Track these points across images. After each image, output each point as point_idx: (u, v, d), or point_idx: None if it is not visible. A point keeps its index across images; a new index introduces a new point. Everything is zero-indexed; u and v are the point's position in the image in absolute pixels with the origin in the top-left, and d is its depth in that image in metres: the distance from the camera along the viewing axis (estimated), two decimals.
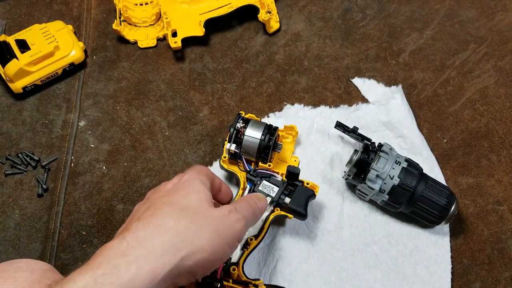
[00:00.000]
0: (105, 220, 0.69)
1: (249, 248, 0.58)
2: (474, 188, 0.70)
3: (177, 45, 0.80)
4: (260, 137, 0.64)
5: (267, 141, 0.64)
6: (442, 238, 0.66)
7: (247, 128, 0.64)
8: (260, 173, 0.63)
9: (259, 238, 0.59)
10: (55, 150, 0.75)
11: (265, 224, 0.60)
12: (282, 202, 0.61)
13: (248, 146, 0.64)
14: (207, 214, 0.46)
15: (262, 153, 0.64)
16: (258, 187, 0.62)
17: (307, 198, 0.61)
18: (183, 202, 0.46)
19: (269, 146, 0.64)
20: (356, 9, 0.86)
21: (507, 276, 0.64)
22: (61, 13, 0.88)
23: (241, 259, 0.57)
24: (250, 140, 0.64)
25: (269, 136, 0.64)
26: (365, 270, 0.64)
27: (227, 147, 0.64)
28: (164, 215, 0.45)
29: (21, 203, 0.71)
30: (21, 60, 0.76)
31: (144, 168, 0.73)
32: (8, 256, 0.67)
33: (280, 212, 0.61)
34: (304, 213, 0.60)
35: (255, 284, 0.56)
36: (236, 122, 0.65)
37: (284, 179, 0.63)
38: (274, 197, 0.61)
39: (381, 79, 0.79)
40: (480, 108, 0.76)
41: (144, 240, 0.42)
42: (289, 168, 0.62)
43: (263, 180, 0.63)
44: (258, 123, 0.65)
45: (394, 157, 0.64)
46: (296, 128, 0.70)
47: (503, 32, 0.83)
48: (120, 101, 0.79)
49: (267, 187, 0.62)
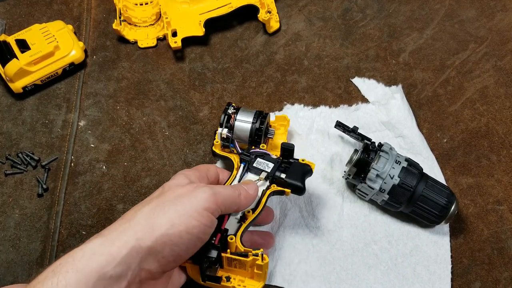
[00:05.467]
0: (105, 220, 0.69)
1: (246, 221, 0.56)
2: (474, 188, 0.70)
3: (177, 45, 0.80)
4: (251, 121, 0.64)
5: (258, 125, 0.64)
6: (442, 238, 0.66)
7: (238, 114, 0.65)
8: (253, 153, 0.63)
9: (257, 211, 0.57)
10: (55, 150, 0.75)
11: (262, 199, 0.58)
12: (278, 177, 0.59)
13: (240, 130, 0.64)
14: (169, 194, 0.49)
15: (254, 136, 0.64)
16: (253, 164, 0.61)
17: (304, 173, 0.59)
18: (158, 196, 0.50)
19: (261, 129, 0.64)
20: (356, 9, 0.86)
21: (507, 276, 0.64)
22: (61, 13, 0.88)
23: (238, 231, 0.55)
24: (241, 125, 0.64)
25: (260, 119, 0.64)
26: (365, 270, 0.64)
27: (219, 132, 0.64)
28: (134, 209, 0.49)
29: (21, 203, 0.71)
30: (21, 60, 0.76)
31: (144, 168, 0.73)
32: (8, 256, 0.67)
33: (277, 187, 0.59)
34: (302, 186, 0.58)
35: (255, 253, 0.52)
36: (227, 108, 0.65)
37: (279, 157, 0.62)
38: (270, 172, 0.59)
39: (381, 79, 0.79)
40: (480, 108, 0.76)
41: (103, 232, 0.46)
42: (283, 144, 0.60)
43: (258, 158, 0.62)
44: (248, 110, 0.66)
45: (394, 157, 0.64)
46: (288, 117, 0.69)
47: (503, 32, 0.83)
48: (120, 101, 0.79)
49: (262, 163, 0.61)
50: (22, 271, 0.66)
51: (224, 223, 0.54)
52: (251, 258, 0.52)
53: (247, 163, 0.61)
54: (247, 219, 0.56)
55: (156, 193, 0.52)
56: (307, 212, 0.68)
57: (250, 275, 0.54)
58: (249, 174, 0.61)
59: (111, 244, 0.44)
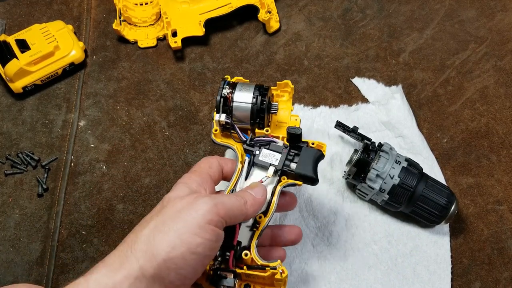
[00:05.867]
0: (105, 220, 0.69)
1: (259, 227, 0.52)
2: (474, 188, 0.70)
3: (177, 45, 0.80)
4: (251, 101, 0.56)
5: (259, 104, 0.55)
6: (442, 238, 0.66)
7: (235, 93, 0.56)
8: (258, 142, 0.56)
9: (269, 214, 0.52)
10: (55, 150, 0.75)
11: (273, 198, 0.53)
12: (288, 169, 0.54)
13: (239, 113, 0.56)
14: (169, 209, 0.45)
15: (256, 118, 0.56)
16: (258, 157, 0.55)
17: (315, 160, 0.54)
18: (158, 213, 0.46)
19: (262, 109, 0.56)
20: (356, 9, 0.86)
21: (507, 276, 0.64)
22: (61, 13, 0.88)
23: (252, 241, 0.51)
24: (240, 106, 0.56)
25: (261, 98, 0.56)
26: (365, 270, 0.64)
27: (216, 119, 0.56)
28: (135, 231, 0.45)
29: (21, 203, 0.71)
30: (21, 60, 0.76)
31: (144, 168, 0.73)
32: (8, 256, 0.67)
33: (288, 180, 0.54)
34: (314, 176, 0.53)
35: (273, 266, 0.48)
36: (222, 88, 0.56)
37: (286, 143, 0.56)
38: (278, 166, 0.54)
39: (381, 79, 0.79)
40: (480, 108, 0.76)
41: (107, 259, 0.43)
42: (289, 129, 0.54)
43: (262, 149, 0.55)
44: (246, 86, 0.57)
45: (394, 157, 0.64)
46: (291, 84, 0.61)
47: (503, 32, 0.83)
48: (120, 101, 0.79)
49: (268, 155, 0.55)
50: (22, 271, 0.66)
51: (236, 236, 0.50)
52: (269, 273, 0.48)
53: (251, 156, 0.55)
54: (260, 225, 0.52)
55: (156, 209, 0.48)
56: (307, 212, 0.68)
57: (270, 282, 0.50)
58: (255, 169, 0.55)
59: (114, 274, 0.42)
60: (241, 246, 0.51)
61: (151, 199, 0.71)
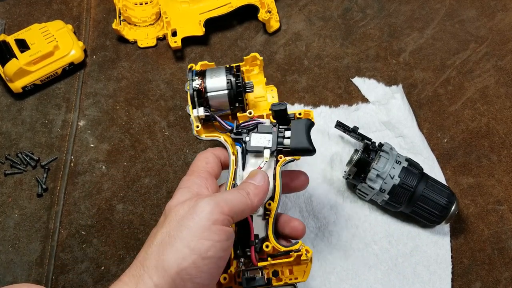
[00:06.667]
0: (105, 220, 0.69)
1: (270, 214, 0.51)
2: (474, 188, 0.70)
3: (177, 44, 0.80)
4: (226, 86, 0.53)
5: (235, 87, 0.54)
6: (443, 238, 0.66)
7: (207, 82, 0.54)
8: (244, 127, 0.54)
9: (276, 198, 0.51)
10: (55, 150, 0.75)
11: (276, 181, 0.52)
12: (283, 146, 0.52)
13: (217, 102, 0.54)
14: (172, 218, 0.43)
15: (235, 103, 0.54)
16: (250, 144, 0.53)
17: (307, 129, 0.53)
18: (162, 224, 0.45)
19: (240, 92, 0.54)
20: (356, 9, 0.86)
21: (507, 276, 0.64)
22: (61, 13, 0.88)
23: (269, 230, 0.50)
24: (216, 95, 0.54)
25: (235, 81, 0.54)
26: (365, 270, 0.64)
27: (194, 115, 0.53)
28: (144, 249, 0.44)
29: (20, 203, 0.71)
30: (21, 60, 0.76)
31: (144, 168, 0.73)
32: (7, 256, 0.67)
33: (285, 158, 0.53)
34: (311, 147, 0.52)
35: (296, 249, 0.48)
36: (191, 81, 0.54)
37: (273, 121, 0.54)
38: (272, 147, 0.52)
39: (381, 79, 0.79)
40: (481, 108, 0.76)
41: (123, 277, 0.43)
42: (273, 107, 0.52)
43: (251, 134, 0.53)
44: (216, 71, 0.55)
45: (395, 157, 0.63)
46: (259, 56, 0.59)
47: (503, 31, 0.83)
48: (120, 100, 0.79)
49: (259, 139, 0.53)
50: (21, 271, 0.66)
51: (252, 231, 0.49)
52: (294, 256, 0.48)
53: (242, 144, 0.53)
54: (271, 212, 0.51)
55: (160, 221, 0.46)
56: (307, 212, 0.68)
57: (296, 262, 0.50)
58: (250, 157, 0.53)
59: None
60: (260, 238, 0.50)
61: (151, 199, 0.71)
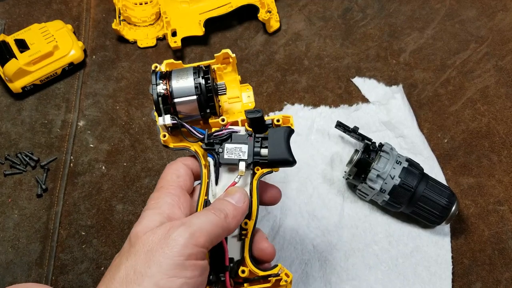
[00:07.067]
0: (105, 220, 0.69)
1: (247, 233, 0.46)
2: (475, 188, 0.70)
3: (176, 44, 0.80)
4: (194, 91, 0.47)
5: (206, 92, 0.47)
6: (443, 239, 0.66)
7: (173, 86, 0.47)
8: (216, 137, 0.48)
9: (253, 216, 0.47)
10: (54, 150, 0.74)
11: (253, 196, 0.47)
12: (260, 158, 0.47)
13: (185, 108, 0.48)
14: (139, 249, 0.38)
15: (206, 108, 0.48)
16: (223, 156, 0.47)
17: (286, 138, 0.48)
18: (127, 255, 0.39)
19: (210, 96, 0.48)
20: (356, 9, 0.86)
21: (507, 277, 0.64)
22: (61, 13, 0.87)
23: (245, 252, 0.46)
24: (184, 101, 0.47)
25: (204, 84, 0.47)
26: (366, 271, 0.64)
27: (160, 123, 0.48)
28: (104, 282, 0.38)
29: (20, 203, 0.70)
30: (20, 60, 0.76)
31: (144, 168, 0.73)
32: (7, 256, 0.67)
33: (262, 170, 0.48)
34: (290, 158, 0.47)
35: (275, 273, 0.45)
36: (155, 85, 0.47)
37: (248, 129, 0.49)
38: (248, 159, 0.47)
39: (382, 79, 0.79)
40: (481, 108, 0.76)
41: None
42: (248, 114, 0.47)
43: (225, 144, 0.48)
44: (182, 72, 0.48)
45: (395, 157, 0.63)
46: (231, 53, 0.53)
47: (503, 31, 0.82)
48: (120, 100, 0.79)
49: (233, 150, 0.47)
50: (21, 271, 0.66)
51: (226, 255, 0.44)
52: (273, 281, 0.45)
53: (214, 157, 0.47)
54: (248, 231, 0.46)
55: (124, 249, 0.40)
56: (308, 213, 0.68)
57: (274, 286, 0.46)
58: (224, 170, 0.48)
59: None
60: (235, 261, 0.46)
61: None
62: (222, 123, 0.49)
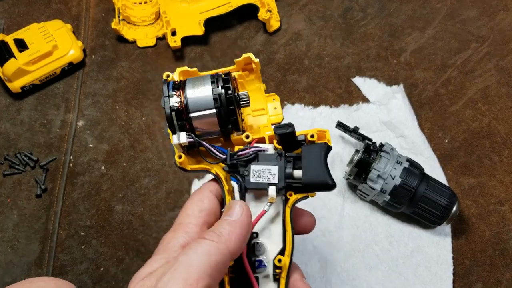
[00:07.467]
0: (104, 220, 0.69)
1: (282, 272, 0.39)
2: (475, 189, 0.70)
3: (176, 44, 0.80)
4: (213, 104, 0.41)
5: (226, 104, 0.41)
6: (444, 239, 0.66)
7: (188, 98, 0.41)
8: (240, 158, 0.42)
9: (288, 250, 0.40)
10: (54, 150, 0.74)
11: (286, 226, 0.40)
12: (292, 181, 0.41)
13: (202, 124, 0.42)
14: None
15: (228, 124, 0.42)
16: (250, 180, 0.40)
17: (323, 157, 0.42)
18: None
19: (232, 109, 0.41)
20: (356, 8, 0.86)
21: (508, 277, 0.64)
22: (60, 12, 0.87)
23: None
24: (201, 115, 0.41)
25: (224, 95, 0.41)
26: (366, 271, 0.64)
27: (175, 143, 0.41)
28: None
29: (19, 204, 0.70)
30: (20, 60, 0.75)
31: (143, 168, 0.73)
32: (6, 257, 0.67)
33: (297, 196, 0.41)
34: (329, 181, 0.41)
35: None
36: (167, 97, 0.41)
37: (278, 146, 0.43)
38: (279, 183, 0.40)
39: (382, 79, 0.79)
40: (482, 108, 0.76)
41: None
42: (277, 130, 0.41)
43: (251, 166, 0.41)
44: (198, 82, 0.42)
45: (396, 157, 0.63)
46: (254, 57, 0.46)
47: (504, 31, 0.82)
48: (119, 100, 0.78)
49: (261, 173, 0.41)
50: (20, 272, 0.66)
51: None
52: None
53: (239, 181, 0.41)
54: (283, 269, 0.39)
55: None
56: None
57: None
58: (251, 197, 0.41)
59: None
60: None
61: (150, 199, 0.70)
62: (246, 140, 0.43)
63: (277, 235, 0.40)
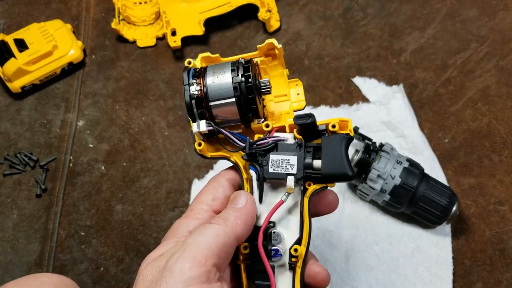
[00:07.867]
0: (104, 220, 0.69)
1: (298, 262, 0.40)
2: (475, 188, 0.70)
3: (176, 44, 0.80)
4: (233, 93, 0.41)
5: (246, 93, 0.41)
6: (444, 239, 0.66)
7: (208, 85, 0.41)
8: (259, 147, 0.41)
9: (304, 240, 0.40)
10: (54, 150, 0.74)
11: (304, 216, 0.40)
12: (312, 171, 0.40)
13: (222, 112, 0.41)
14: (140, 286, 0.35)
15: (248, 112, 0.42)
16: (268, 170, 0.40)
17: (344, 148, 0.40)
18: None
19: (252, 98, 0.41)
20: (357, 8, 0.86)
21: (508, 277, 0.64)
22: (60, 12, 0.87)
23: (296, 283, 0.40)
24: (221, 103, 0.41)
25: (244, 83, 0.41)
26: (366, 271, 0.64)
27: (195, 130, 0.42)
28: None
29: (19, 204, 0.70)
30: (20, 59, 0.75)
31: (143, 168, 0.73)
32: (6, 257, 0.67)
33: (315, 186, 0.41)
34: (349, 172, 0.40)
35: None
36: (188, 85, 0.42)
37: (297, 136, 0.42)
38: (297, 174, 0.40)
39: (382, 79, 0.79)
40: (482, 108, 0.76)
41: None
42: (297, 121, 0.40)
43: (270, 155, 0.41)
44: (218, 69, 0.42)
45: (395, 157, 0.63)
46: (277, 43, 0.44)
47: (504, 31, 0.82)
48: (119, 100, 0.78)
49: (280, 162, 0.40)
50: (20, 272, 0.66)
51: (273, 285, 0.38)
52: None
53: (258, 170, 0.41)
54: (299, 259, 0.40)
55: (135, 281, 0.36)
56: None
57: None
58: (269, 187, 0.42)
59: None
60: None
61: (150, 199, 0.70)
62: (266, 129, 0.42)
63: (294, 225, 0.41)
